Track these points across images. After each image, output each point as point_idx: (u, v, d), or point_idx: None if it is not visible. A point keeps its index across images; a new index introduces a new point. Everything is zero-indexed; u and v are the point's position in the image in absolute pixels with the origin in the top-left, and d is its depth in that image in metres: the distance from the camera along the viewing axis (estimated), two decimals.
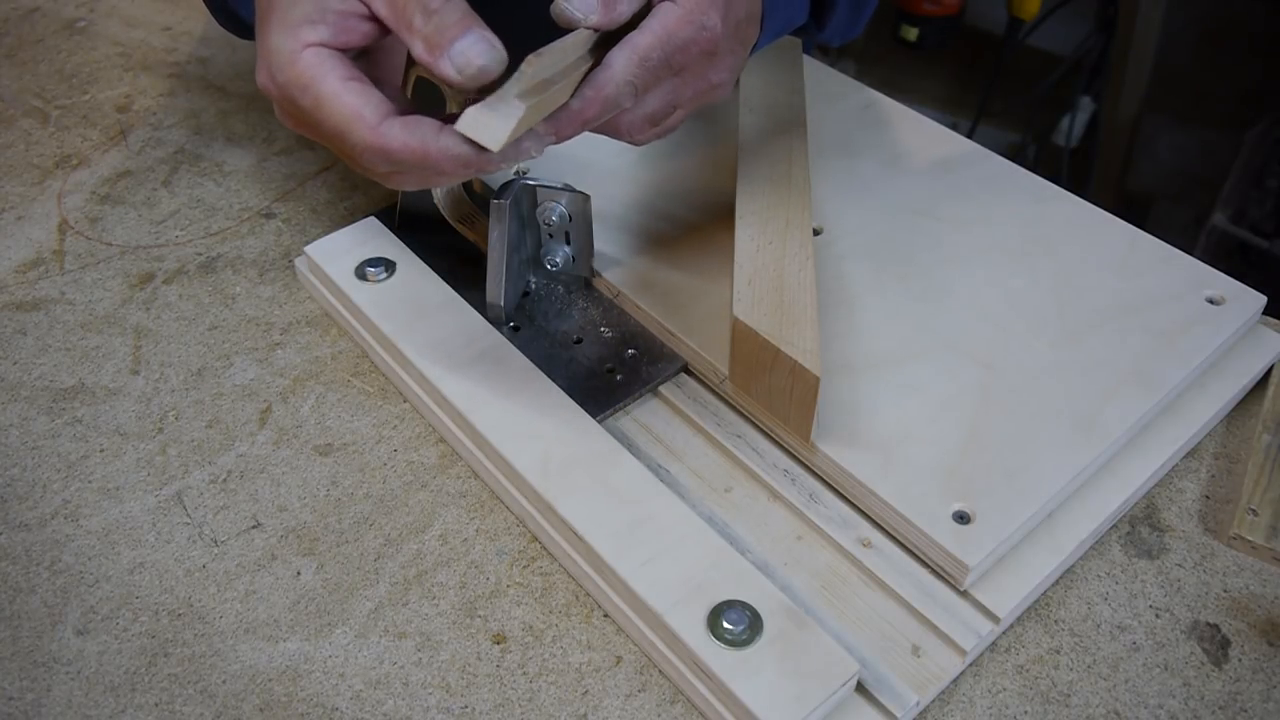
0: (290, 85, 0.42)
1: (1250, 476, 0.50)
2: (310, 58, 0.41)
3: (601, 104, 0.43)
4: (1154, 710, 0.42)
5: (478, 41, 0.40)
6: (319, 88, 0.41)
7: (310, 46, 0.42)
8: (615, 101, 0.44)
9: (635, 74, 0.43)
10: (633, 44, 0.43)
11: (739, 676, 0.40)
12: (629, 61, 0.43)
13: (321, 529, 0.49)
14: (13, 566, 0.47)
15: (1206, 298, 0.54)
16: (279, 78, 0.42)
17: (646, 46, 0.43)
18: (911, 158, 0.64)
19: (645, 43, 0.43)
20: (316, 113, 0.42)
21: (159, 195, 0.67)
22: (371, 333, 0.55)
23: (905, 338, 0.52)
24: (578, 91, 0.43)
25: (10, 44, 0.80)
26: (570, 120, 0.44)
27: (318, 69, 0.41)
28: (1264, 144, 1.43)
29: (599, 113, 0.44)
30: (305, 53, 0.42)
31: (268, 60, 0.43)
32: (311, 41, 0.42)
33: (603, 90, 0.43)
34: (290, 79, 0.42)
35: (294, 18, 0.42)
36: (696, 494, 0.49)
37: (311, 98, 0.41)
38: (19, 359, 0.56)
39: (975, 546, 0.43)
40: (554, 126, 0.43)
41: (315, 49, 0.42)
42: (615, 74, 0.43)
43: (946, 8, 1.65)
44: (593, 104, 0.43)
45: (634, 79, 0.43)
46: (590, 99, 0.43)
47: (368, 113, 0.41)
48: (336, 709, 0.42)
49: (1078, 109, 1.67)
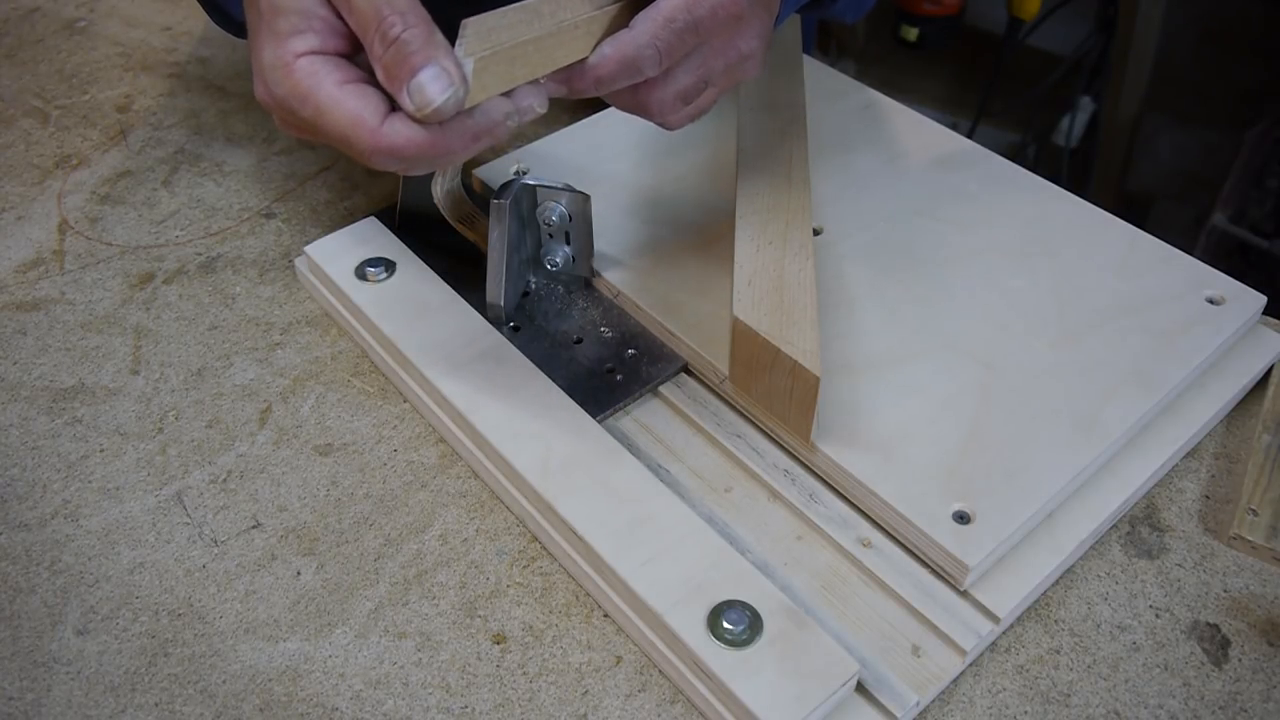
0: (289, 97, 0.42)
1: (1250, 476, 0.50)
2: (305, 66, 0.41)
3: (619, 63, 0.44)
4: (1154, 710, 0.42)
5: (439, 76, 0.39)
6: (317, 97, 0.41)
7: (302, 56, 0.41)
8: (635, 64, 0.44)
9: (658, 36, 0.43)
10: (657, 7, 0.43)
11: (739, 676, 0.40)
12: (652, 23, 0.43)
13: (321, 529, 0.49)
14: (13, 566, 0.47)
15: (1206, 298, 0.54)
16: (276, 91, 0.42)
17: (671, 9, 0.43)
18: (911, 158, 0.64)
19: (670, 5, 0.43)
20: (318, 121, 0.41)
21: (159, 195, 0.67)
22: (371, 333, 0.55)
23: (905, 338, 0.52)
24: (597, 48, 0.44)
25: (10, 44, 0.80)
26: (583, 75, 0.44)
27: (312, 78, 0.41)
28: (1264, 144, 1.43)
29: (615, 71, 0.44)
30: (299, 63, 0.41)
31: (262, 75, 0.42)
32: (302, 51, 0.41)
33: (622, 49, 0.43)
34: (287, 91, 0.41)
35: (282, 29, 0.41)
36: (696, 494, 0.49)
37: (311, 108, 0.41)
38: (19, 359, 0.56)
39: (975, 546, 0.43)
40: (565, 78, 0.44)
41: (308, 58, 0.41)
42: (636, 35, 0.43)
43: (946, 8, 1.65)
44: (609, 62, 0.43)
45: (657, 42, 0.43)
46: (607, 56, 0.43)
47: (368, 115, 0.40)
48: (336, 709, 0.42)
49: (1078, 109, 1.67)
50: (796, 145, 0.58)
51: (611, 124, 0.66)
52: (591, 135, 0.66)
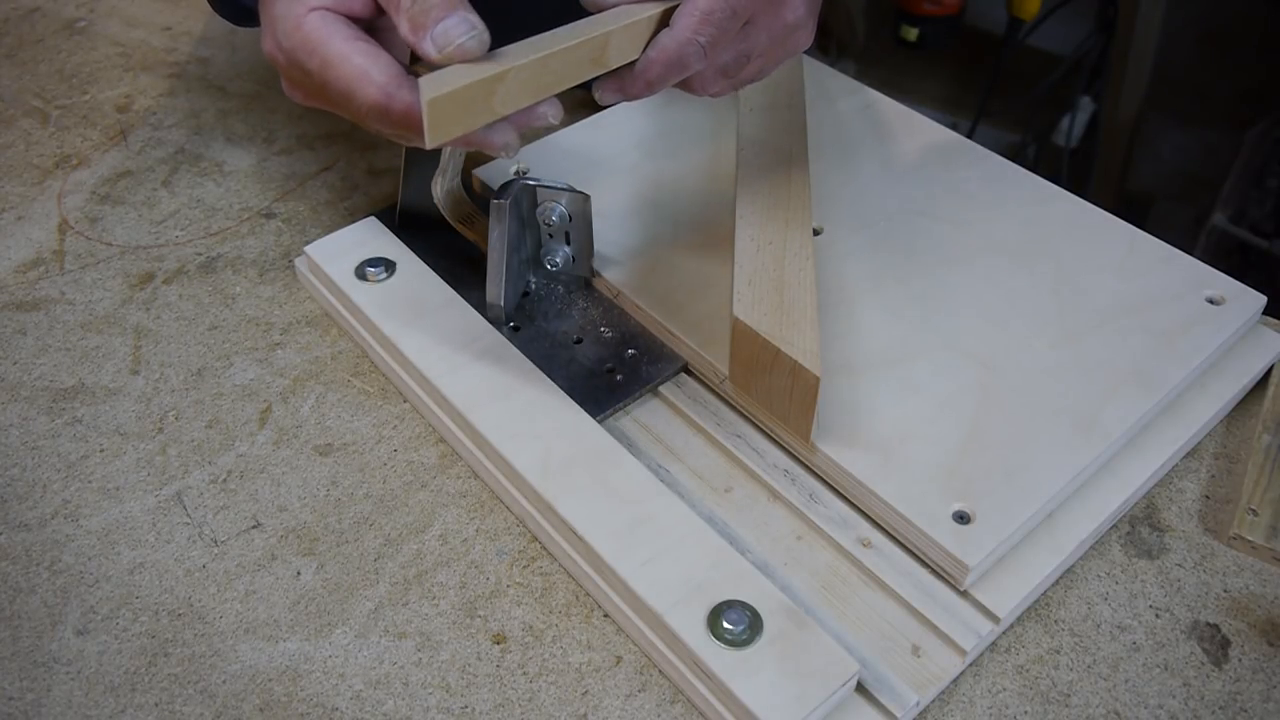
0: (297, 49, 0.42)
1: (1250, 476, 0.50)
2: (315, 20, 0.42)
3: (664, 65, 0.44)
4: (1154, 710, 0.42)
5: (460, 22, 0.40)
6: (326, 49, 0.41)
7: (314, 10, 0.42)
8: (681, 62, 0.44)
9: (700, 31, 0.44)
10: (694, 2, 0.43)
11: (739, 676, 0.40)
12: (690, 19, 0.43)
13: (321, 529, 0.49)
14: (13, 566, 0.47)
15: (1206, 298, 0.54)
16: (285, 43, 0.42)
17: (708, 2, 0.43)
18: (911, 158, 0.64)
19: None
20: (324, 73, 0.42)
21: (159, 195, 0.67)
22: (371, 333, 0.55)
23: (905, 338, 0.52)
24: (643, 53, 0.44)
25: (10, 44, 0.80)
26: (635, 81, 0.45)
27: (323, 30, 0.42)
28: (1264, 144, 1.43)
29: (662, 73, 0.44)
30: (310, 16, 0.42)
31: (272, 27, 0.43)
32: (315, 6, 0.42)
33: (665, 52, 0.44)
34: (297, 43, 0.42)
35: None
36: (696, 494, 0.49)
37: (319, 59, 0.42)
38: (19, 359, 0.56)
39: (975, 546, 0.43)
40: (619, 86, 0.44)
41: (320, 12, 0.42)
42: (677, 34, 0.43)
43: (946, 8, 1.65)
44: (654, 65, 0.44)
45: (700, 37, 0.44)
46: (652, 60, 0.44)
47: (375, 73, 0.41)
48: (336, 709, 0.42)
49: (1078, 109, 1.67)
50: (796, 145, 0.58)
51: (611, 124, 0.66)
52: (591, 135, 0.66)
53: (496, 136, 0.42)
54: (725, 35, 0.44)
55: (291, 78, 0.45)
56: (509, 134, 0.42)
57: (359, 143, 0.70)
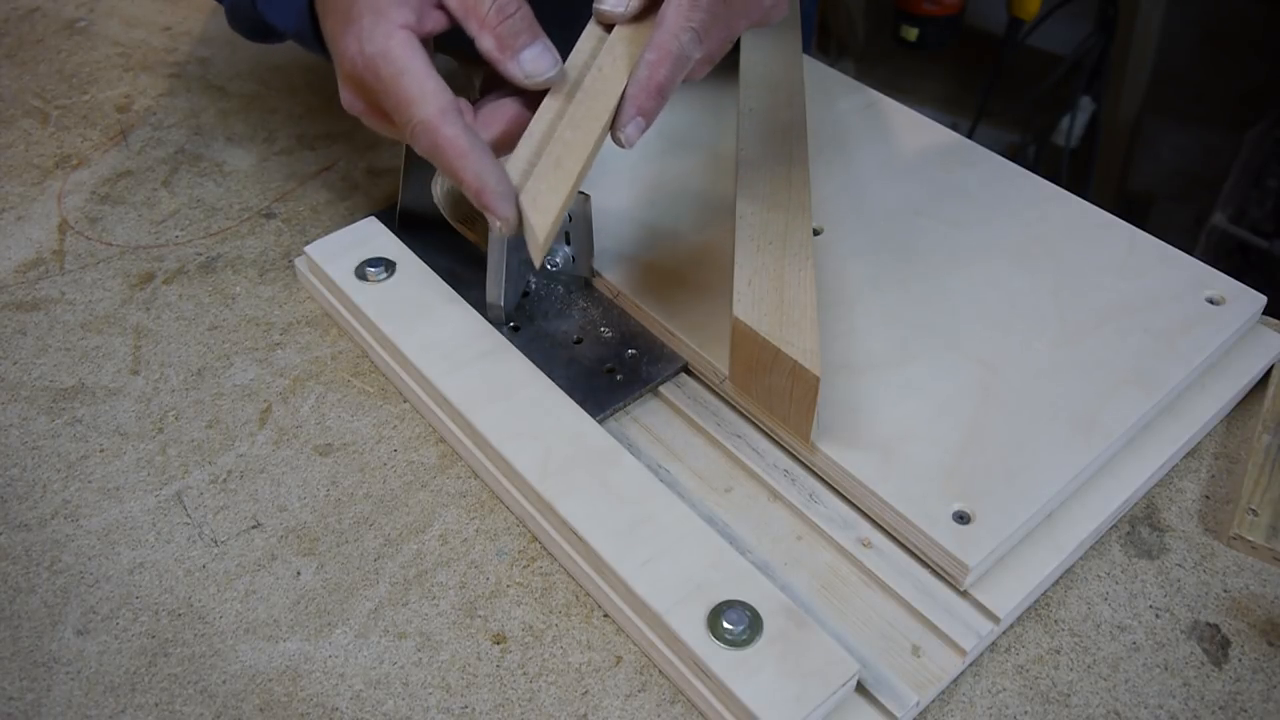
0: (378, 55, 0.44)
1: (1250, 476, 0.50)
2: (405, 38, 0.44)
3: (672, 62, 0.44)
4: (1154, 710, 0.42)
5: (545, 53, 0.45)
6: (407, 62, 0.44)
7: (404, 28, 0.44)
8: (683, 53, 0.44)
9: (691, 18, 0.44)
10: None
11: (739, 676, 0.40)
12: (678, 9, 0.44)
13: (321, 529, 0.49)
14: (13, 566, 0.47)
15: (1206, 298, 0.54)
16: (368, 48, 0.44)
17: None
18: (911, 158, 0.64)
19: None
20: (396, 80, 0.44)
21: (159, 195, 0.67)
22: (371, 333, 0.55)
23: (905, 338, 0.52)
24: (641, 59, 0.44)
25: (10, 44, 0.81)
26: (647, 91, 0.45)
27: (408, 48, 0.44)
28: (1264, 144, 1.43)
29: (671, 71, 0.44)
30: (401, 32, 0.44)
31: (359, 32, 0.45)
32: (403, 23, 0.44)
33: (666, 47, 0.44)
34: (380, 50, 0.44)
35: (383, 2, 0.45)
36: (696, 494, 0.49)
37: (397, 68, 0.44)
38: (19, 359, 0.56)
39: (975, 546, 0.43)
40: (637, 105, 0.45)
41: (408, 32, 0.44)
42: (671, 26, 0.44)
43: (946, 8, 1.65)
44: (661, 65, 0.44)
45: (692, 24, 0.44)
46: (653, 63, 0.44)
47: (439, 98, 0.44)
48: (336, 709, 0.42)
49: (1078, 109, 1.67)
50: (796, 145, 0.58)
51: None
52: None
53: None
54: (714, 18, 0.45)
55: (355, 82, 0.47)
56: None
57: (359, 143, 0.70)
